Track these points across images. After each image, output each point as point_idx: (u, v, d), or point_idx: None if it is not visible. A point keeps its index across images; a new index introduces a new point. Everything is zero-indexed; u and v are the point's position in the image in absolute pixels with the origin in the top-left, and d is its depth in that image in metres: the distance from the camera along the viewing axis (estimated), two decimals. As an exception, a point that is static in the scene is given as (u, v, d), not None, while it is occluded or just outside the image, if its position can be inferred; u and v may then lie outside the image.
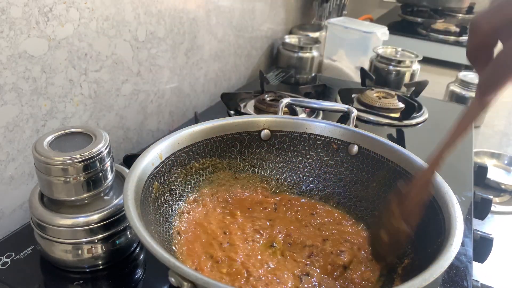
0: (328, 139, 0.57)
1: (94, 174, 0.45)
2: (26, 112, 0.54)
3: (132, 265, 0.49)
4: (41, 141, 0.44)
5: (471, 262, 0.54)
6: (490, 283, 0.55)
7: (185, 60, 0.84)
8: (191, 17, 0.82)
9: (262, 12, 1.13)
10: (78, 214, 0.45)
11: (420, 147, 0.82)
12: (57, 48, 0.56)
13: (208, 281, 0.31)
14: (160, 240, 0.43)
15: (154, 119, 0.80)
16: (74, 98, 0.61)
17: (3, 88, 0.50)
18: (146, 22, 0.71)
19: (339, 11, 1.50)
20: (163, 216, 0.47)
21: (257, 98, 0.89)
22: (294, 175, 0.59)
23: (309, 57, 1.17)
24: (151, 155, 0.47)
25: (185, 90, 0.88)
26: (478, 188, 0.75)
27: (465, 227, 0.59)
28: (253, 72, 1.17)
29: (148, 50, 0.73)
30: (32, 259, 0.48)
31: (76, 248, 0.45)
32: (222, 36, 0.96)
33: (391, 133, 0.86)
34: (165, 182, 0.49)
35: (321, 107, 0.66)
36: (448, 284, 0.50)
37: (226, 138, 0.55)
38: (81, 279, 0.47)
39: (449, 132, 0.39)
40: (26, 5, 0.50)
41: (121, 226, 0.47)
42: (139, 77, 0.73)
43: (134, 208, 0.38)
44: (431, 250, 0.39)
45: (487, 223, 0.86)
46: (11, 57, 0.50)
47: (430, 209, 0.44)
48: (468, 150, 0.83)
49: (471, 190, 0.70)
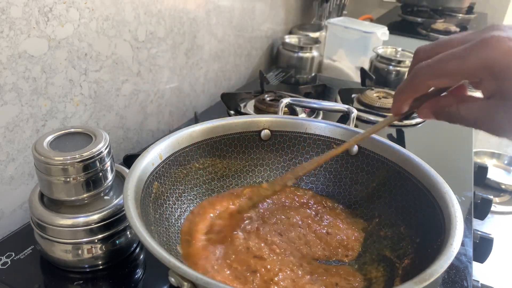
0: (328, 139, 0.57)
1: (94, 174, 0.45)
2: (26, 112, 0.54)
3: (132, 265, 0.49)
4: (41, 141, 0.44)
5: (471, 262, 0.54)
6: (490, 283, 0.55)
7: (185, 60, 0.84)
8: (191, 17, 0.82)
9: (262, 12, 1.13)
10: (78, 214, 0.45)
11: (420, 147, 0.82)
12: (57, 48, 0.56)
13: (208, 281, 0.31)
14: (160, 240, 0.43)
15: (154, 119, 0.80)
16: (74, 98, 0.61)
17: (3, 88, 0.50)
18: (146, 22, 0.71)
19: (339, 11, 1.50)
20: (163, 216, 0.47)
21: (257, 98, 0.89)
22: (294, 175, 0.59)
23: (309, 57, 1.17)
24: (151, 155, 0.47)
25: (185, 90, 0.88)
26: (478, 188, 0.75)
27: (465, 227, 0.59)
28: (253, 72, 1.17)
29: (148, 50, 0.73)
30: (32, 259, 0.48)
31: (76, 248, 0.45)
32: (222, 36, 0.96)
33: (391, 133, 0.86)
34: (165, 182, 0.49)
35: (321, 107, 0.66)
36: (448, 284, 0.50)
37: (226, 138, 0.55)
38: (81, 279, 0.47)
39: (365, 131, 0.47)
40: (26, 5, 0.50)
41: (121, 226, 0.47)
42: (139, 77, 0.73)
43: (134, 208, 0.38)
44: (431, 250, 0.39)
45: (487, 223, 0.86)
46: (11, 57, 0.50)
47: (430, 209, 0.44)
48: (468, 150, 0.83)
49: (471, 190, 0.70)
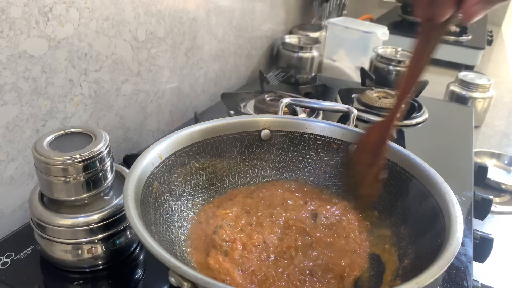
0: (328, 139, 0.57)
1: (94, 174, 0.45)
2: (26, 112, 0.54)
3: (132, 265, 0.49)
4: (41, 141, 0.44)
5: (471, 262, 0.54)
6: (490, 283, 0.55)
7: (185, 60, 0.84)
8: (191, 17, 0.82)
9: (262, 12, 1.13)
10: (78, 214, 0.45)
11: (420, 147, 0.82)
12: (57, 48, 0.56)
13: (208, 281, 0.31)
14: (160, 240, 0.43)
15: (154, 119, 0.80)
16: (74, 98, 0.61)
17: (3, 88, 0.50)
18: (146, 22, 0.71)
19: (339, 11, 1.50)
20: (163, 216, 0.47)
21: (257, 98, 0.89)
22: (294, 175, 0.59)
23: (309, 57, 1.17)
24: (151, 155, 0.47)
25: (185, 90, 0.88)
26: (478, 188, 0.75)
27: (465, 227, 0.59)
28: (253, 72, 1.17)
29: (148, 50, 0.73)
30: (32, 259, 0.48)
31: (76, 248, 0.45)
32: (222, 36, 0.96)
33: (391, 133, 0.86)
34: (165, 182, 0.49)
35: (321, 107, 0.66)
36: (448, 284, 0.50)
37: (226, 138, 0.55)
38: (81, 279, 0.47)
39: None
40: (26, 5, 0.50)
41: (121, 226, 0.47)
42: (139, 77, 0.73)
43: (134, 208, 0.38)
44: (431, 250, 0.39)
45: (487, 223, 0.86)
46: (11, 57, 0.50)
47: (430, 209, 0.44)
48: (468, 150, 0.83)
49: (471, 190, 0.70)
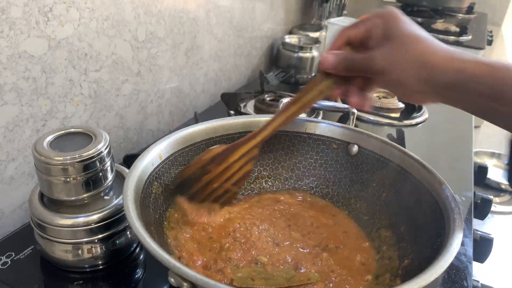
0: (328, 139, 0.57)
1: (94, 174, 0.45)
2: (26, 112, 0.54)
3: (132, 265, 0.49)
4: (41, 141, 0.44)
5: (471, 262, 0.54)
6: (490, 283, 0.55)
7: (185, 60, 0.84)
8: (191, 17, 0.82)
9: (262, 12, 1.13)
10: (78, 214, 0.45)
11: (420, 147, 0.82)
12: (57, 48, 0.56)
13: (208, 282, 0.31)
14: (160, 240, 0.43)
15: (154, 119, 0.80)
16: (74, 98, 0.61)
17: (3, 88, 0.50)
18: (146, 22, 0.71)
19: (339, 11, 1.50)
20: (163, 216, 0.47)
21: (257, 98, 0.89)
22: (294, 175, 0.59)
23: (309, 57, 1.17)
24: (151, 155, 0.47)
25: (185, 90, 0.88)
26: (478, 188, 0.75)
27: (465, 227, 0.59)
28: (253, 72, 1.17)
29: (148, 50, 0.73)
30: (32, 259, 0.48)
31: (76, 248, 0.45)
32: (222, 36, 0.96)
33: (391, 133, 0.86)
34: (165, 182, 0.49)
35: (321, 107, 0.66)
36: (448, 284, 0.50)
37: (226, 138, 0.55)
38: (81, 279, 0.47)
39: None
40: (26, 5, 0.50)
41: (121, 226, 0.47)
42: (139, 77, 0.73)
43: (134, 208, 0.38)
44: (431, 250, 0.39)
45: (487, 223, 0.86)
46: (11, 57, 0.50)
47: (430, 209, 0.44)
48: (468, 150, 0.83)
49: (471, 190, 0.70)
